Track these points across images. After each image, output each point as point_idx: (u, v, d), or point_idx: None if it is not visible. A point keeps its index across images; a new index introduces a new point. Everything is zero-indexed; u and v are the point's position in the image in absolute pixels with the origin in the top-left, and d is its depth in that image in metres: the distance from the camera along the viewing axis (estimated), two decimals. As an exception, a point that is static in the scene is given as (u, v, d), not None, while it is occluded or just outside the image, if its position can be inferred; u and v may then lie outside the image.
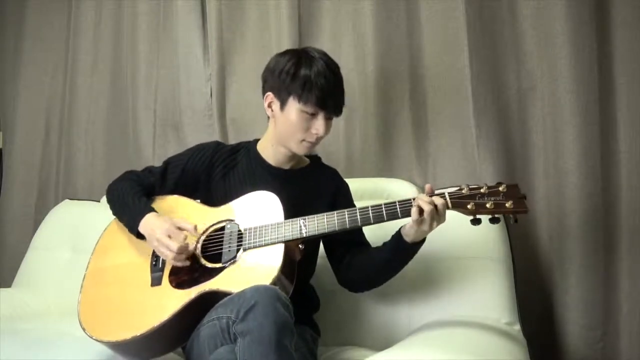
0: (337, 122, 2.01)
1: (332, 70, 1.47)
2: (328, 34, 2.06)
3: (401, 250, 1.42)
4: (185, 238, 1.40)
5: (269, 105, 1.53)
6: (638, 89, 1.73)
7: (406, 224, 1.38)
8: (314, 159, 1.67)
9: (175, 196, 1.57)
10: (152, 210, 1.47)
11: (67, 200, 2.35)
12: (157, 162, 1.79)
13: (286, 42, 2.01)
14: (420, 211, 1.31)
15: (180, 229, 1.42)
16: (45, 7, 2.59)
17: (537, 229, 1.84)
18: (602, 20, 1.74)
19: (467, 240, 1.66)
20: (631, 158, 1.74)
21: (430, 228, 1.34)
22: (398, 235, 1.42)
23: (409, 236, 1.38)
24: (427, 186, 1.35)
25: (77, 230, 2.13)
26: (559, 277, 1.80)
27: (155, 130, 2.33)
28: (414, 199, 1.33)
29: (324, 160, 1.70)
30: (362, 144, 2.01)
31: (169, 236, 1.39)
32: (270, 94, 1.52)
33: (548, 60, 1.79)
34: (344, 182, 1.65)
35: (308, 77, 1.43)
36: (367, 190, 1.84)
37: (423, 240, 1.41)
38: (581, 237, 1.76)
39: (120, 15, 2.42)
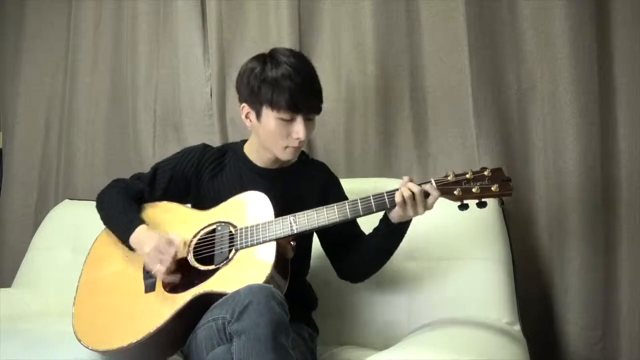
0: (338, 121, 2.02)
1: (298, 71, 1.41)
2: (328, 34, 2.06)
3: (391, 232, 1.44)
4: (176, 255, 1.39)
5: (247, 116, 1.51)
6: (638, 88, 1.73)
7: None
8: (301, 155, 1.66)
9: (165, 202, 1.56)
10: (142, 222, 1.46)
11: (67, 200, 2.34)
12: (157, 162, 1.78)
13: (286, 42, 2.00)
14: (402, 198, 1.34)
15: (171, 242, 1.40)
16: (45, 7, 2.58)
17: (537, 228, 1.84)
18: (602, 20, 1.74)
19: (467, 240, 1.66)
20: (631, 158, 1.74)
21: (415, 213, 1.36)
22: (385, 218, 1.44)
23: (394, 218, 1.40)
24: (405, 179, 1.38)
25: (77, 230, 2.13)
26: (558, 277, 1.80)
27: (155, 130, 2.32)
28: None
29: (325, 160, 1.69)
30: (362, 144, 2.01)
31: (160, 252, 1.38)
32: (245, 105, 1.50)
33: (548, 60, 1.79)
34: (334, 175, 1.65)
35: (275, 82, 1.40)
36: (367, 190, 1.81)
37: (410, 220, 1.42)
38: (581, 236, 1.76)
39: (120, 15, 2.42)
